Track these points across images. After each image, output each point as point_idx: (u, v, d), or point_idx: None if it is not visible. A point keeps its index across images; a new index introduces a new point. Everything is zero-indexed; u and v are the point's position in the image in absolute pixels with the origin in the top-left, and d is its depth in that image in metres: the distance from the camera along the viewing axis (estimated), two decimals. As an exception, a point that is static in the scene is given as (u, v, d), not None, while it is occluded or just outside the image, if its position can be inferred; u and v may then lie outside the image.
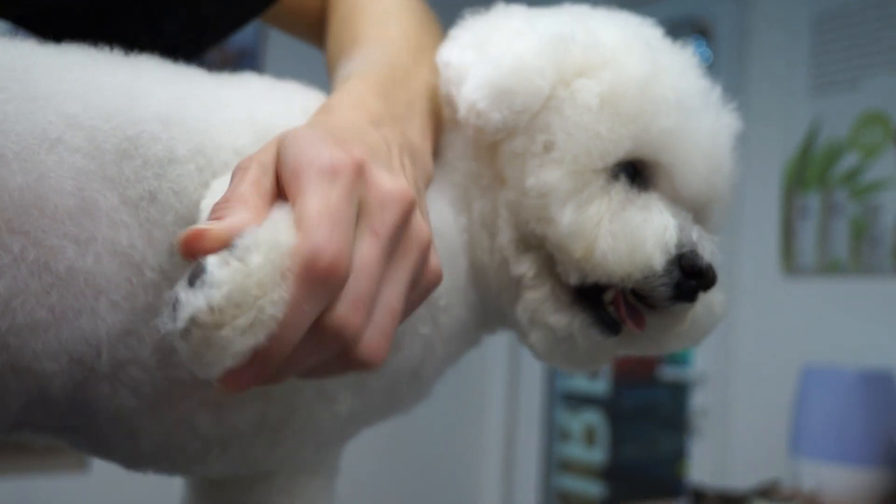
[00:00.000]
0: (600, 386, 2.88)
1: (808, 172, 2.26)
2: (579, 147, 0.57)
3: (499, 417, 3.03)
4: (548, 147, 0.58)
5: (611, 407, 2.88)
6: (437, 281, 0.49)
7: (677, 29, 2.51)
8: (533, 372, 2.94)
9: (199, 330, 0.39)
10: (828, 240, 2.22)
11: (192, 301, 0.39)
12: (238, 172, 0.44)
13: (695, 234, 0.59)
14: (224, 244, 0.40)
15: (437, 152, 0.61)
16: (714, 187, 0.63)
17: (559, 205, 0.57)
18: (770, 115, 2.33)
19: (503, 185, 0.60)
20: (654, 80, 0.59)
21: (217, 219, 0.41)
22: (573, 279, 0.58)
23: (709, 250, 0.59)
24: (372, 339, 0.43)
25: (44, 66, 0.49)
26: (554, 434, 2.99)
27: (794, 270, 2.28)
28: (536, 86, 0.57)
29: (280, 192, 0.44)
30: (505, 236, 0.59)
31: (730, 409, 2.39)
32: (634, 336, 0.61)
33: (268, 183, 0.44)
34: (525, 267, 0.59)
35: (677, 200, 0.61)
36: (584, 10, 0.65)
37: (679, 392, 2.57)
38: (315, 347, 0.42)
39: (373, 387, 0.58)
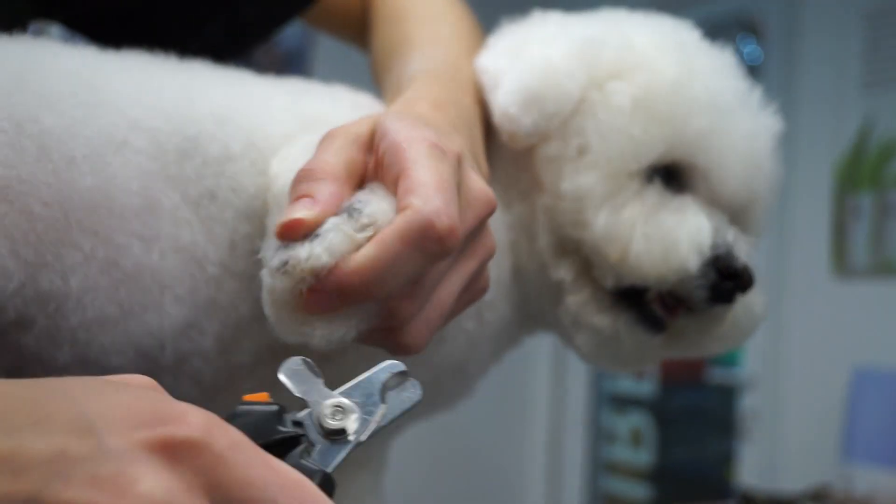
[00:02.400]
0: (647, 387, 2.86)
1: (861, 172, 2.23)
2: (613, 150, 0.57)
3: (544, 419, 3.02)
4: (582, 150, 0.58)
5: (658, 409, 2.85)
6: (484, 292, 0.50)
7: (726, 28, 2.48)
8: (578, 373, 2.93)
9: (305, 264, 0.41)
10: (881, 240, 2.18)
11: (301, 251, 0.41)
12: (326, 140, 0.46)
13: (730, 235, 0.59)
14: (315, 228, 0.42)
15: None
16: (753, 189, 0.62)
17: (594, 208, 0.57)
18: (821, 113, 2.30)
19: (540, 189, 0.60)
20: (688, 81, 0.59)
21: (303, 193, 0.42)
22: (609, 282, 0.59)
23: (745, 252, 0.59)
24: (418, 328, 0.45)
25: (107, 71, 0.52)
26: (600, 436, 2.97)
27: (845, 272, 2.24)
28: (566, 89, 0.57)
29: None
30: (543, 241, 0.60)
31: (780, 412, 2.36)
32: (678, 338, 0.61)
33: (356, 153, 0.45)
34: (564, 271, 0.60)
35: (715, 203, 0.61)
36: (620, 15, 0.65)
37: (728, 394, 2.54)
38: (384, 314, 0.44)
39: (419, 377, 0.59)
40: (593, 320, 0.60)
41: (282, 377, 0.36)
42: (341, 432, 0.36)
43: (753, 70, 2.48)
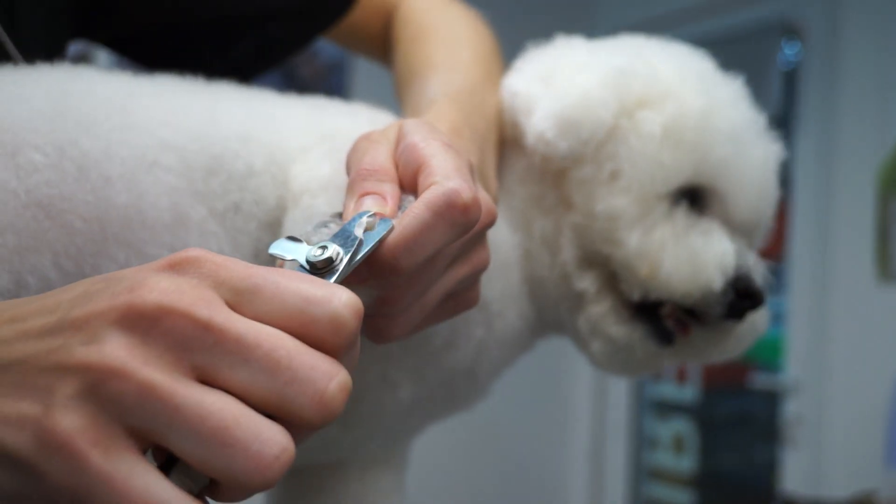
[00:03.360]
0: (689, 393, 2.85)
1: (905, 175, 2.20)
2: (644, 175, 0.61)
3: (586, 425, 3.02)
4: (615, 175, 0.62)
5: (700, 414, 2.84)
6: (472, 304, 0.52)
7: (768, 31, 2.47)
8: (620, 380, 2.93)
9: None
10: (925, 244, 2.16)
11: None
12: (366, 143, 0.48)
13: (750, 259, 0.64)
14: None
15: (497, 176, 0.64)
16: (762, 212, 0.67)
17: (627, 228, 0.61)
18: (863, 117, 2.28)
19: (569, 208, 0.63)
20: (711, 112, 0.63)
21: (372, 190, 0.45)
22: (636, 295, 0.63)
23: (761, 273, 0.64)
24: (399, 321, 0.47)
25: (139, 95, 0.55)
26: (642, 442, 2.97)
27: (889, 277, 2.22)
28: (600, 117, 0.61)
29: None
30: (568, 254, 0.63)
31: (824, 417, 2.33)
32: (684, 348, 0.65)
33: (395, 155, 0.48)
34: (588, 283, 0.64)
35: (728, 223, 0.65)
36: (641, 42, 0.68)
37: (771, 400, 2.52)
38: (376, 302, 0.45)
39: (430, 378, 0.62)
40: (611, 331, 0.64)
41: (271, 250, 0.41)
42: (329, 262, 0.40)
43: (795, 74, 2.46)
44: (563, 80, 0.62)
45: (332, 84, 2.40)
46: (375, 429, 0.64)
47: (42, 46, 0.61)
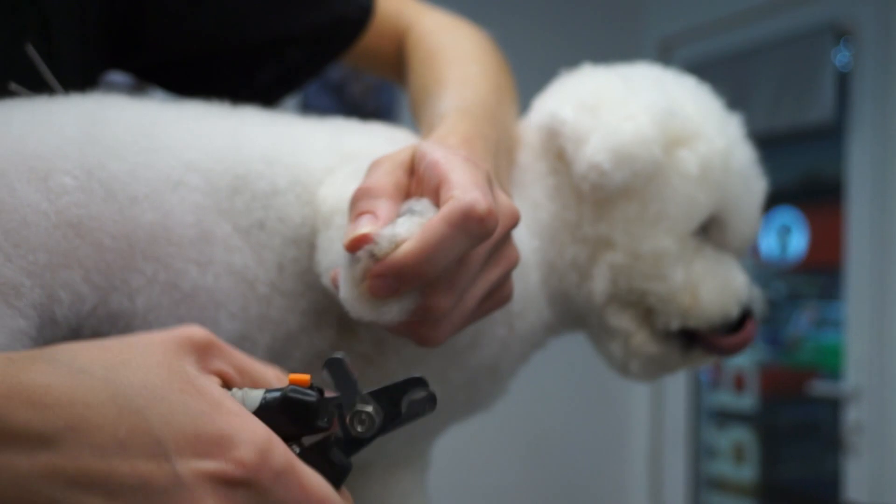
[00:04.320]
0: (748, 402, 2.82)
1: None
2: (685, 214, 0.67)
3: (644, 435, 3.00)
4: (660, 216, 0.67)
5: (760, 423, 2.81)
6: (507, 300, 0.55)
7: (818, 33, 2.45)
8: (678, 389, 2.91)
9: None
10: None
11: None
12: (374, 165, 0.52)
13: (753, 288, 0.71)
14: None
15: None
16: (752, 238, 0.74)
17: (672, 266, 0.67)
18: (918, 119, 2.24)
19: (610, 248, 0.68)
20: (730, 151, 0.69)
21: (365, 209, 0.49)
22: (675, 325, 0.69)
23: (757, 297, 0.72)
24: (444, 325, 0.50)
25: (165, 120, 0.59)
26: (701, 451, 2.94)
27: (949, 279, 2.18)
28: (653, 153, 0.65)
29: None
30: (600, 287, 0.68)
31: (886, 425, 2.29)
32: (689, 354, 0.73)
33: (401, 175, 0.52)
34: (626, 322, 0.70)
35: (723, 247, 0.71)
36: (658, 74, 0.73)
37: (833, 408, 2.49)
38: (419, 310, 0.49)
39: (454, 380, 0.65)
40: (650, 351, 0.70)
41: (324, 374, 0.44)
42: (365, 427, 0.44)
43: (847, 77, 2.43)
44: (613, 114, 0.65)
45: (381, 101, 2.45)
46: (398, 430, 0.67)
47: (78, 76, 0.66)
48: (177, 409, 0.38)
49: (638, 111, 0.65)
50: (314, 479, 0.40)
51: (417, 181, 0.52)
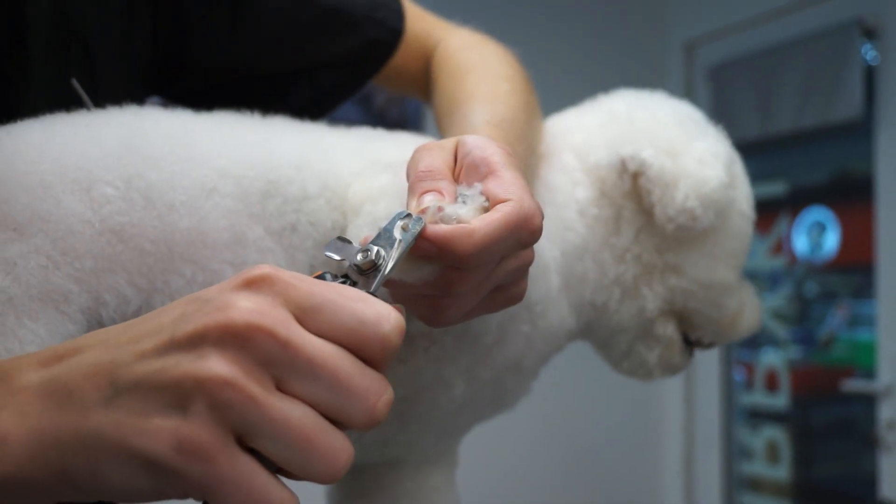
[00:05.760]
0: (781, 401, 2.81)
1: None
2: (742, 248, 0.76)
3: (678, 436, 3.00)
4: (730, 253, 0.74)
5: (794, 422, 2.80)
6: (518, 299, 0.58)
7: (843, 29, 2.44)
8: (710, 389, 2.90)
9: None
10: None
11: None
12: (422, 151, 0.55)
13: None
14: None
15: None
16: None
17: (730, 296, 0.76)
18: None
19: (676, 274, 0.73)
20: (748, 189, 0.78)
21: (431, 188, 0.52)
22: (707, 339, 0.78)
23: None
24: (455, 305, 0.53)
25: (199, 130, 0.62)
26: (735, 451, 2.93)
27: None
28: (729, 197, 0.72)
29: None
30: (652, 304, 0.75)
31: (921, 422, 2.28)
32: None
33: (451, 161, 0.55)
34: (670, 330, 0.76)
35: None
36: (689, 113, 0.78)
37: (867, 405, 2.47)
38: (439, 282, 0.51)
39: (482, 376, 0.68)
40: (677, 362, 0.78)
41: (325, 252, 0.47)
42: (373, 265, 0.46)
43: (873, 74, 2.42)
44: (690, 159, 0.71)
45: (407, 111, 2.48)
46: (429, 427, 0.69)
47: (121, 104, 0.69)
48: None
49: (709, 156, 0.71)
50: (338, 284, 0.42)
51: (459, 168, 0.55)
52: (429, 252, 0.49)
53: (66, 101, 0.63)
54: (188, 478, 0.36)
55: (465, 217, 0.50)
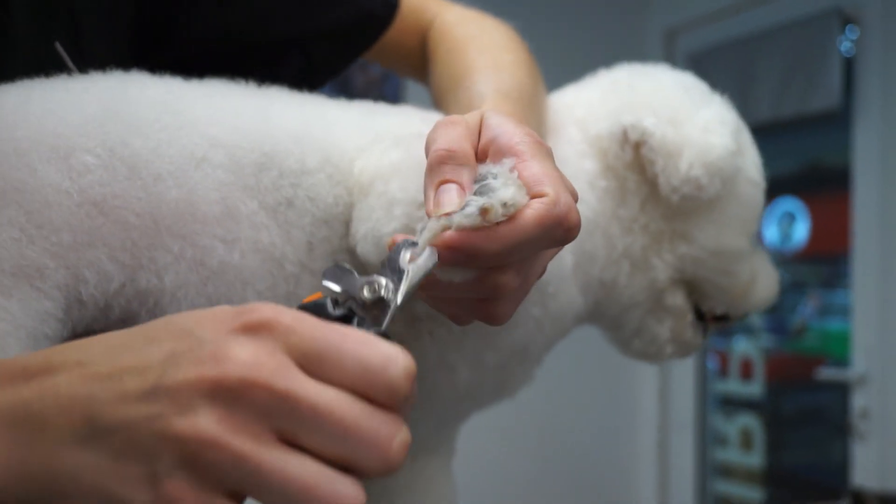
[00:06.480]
0: (755, 389, 2.82)
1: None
2: (753, 215, 0.73)
3: (652, 423, 3.01)
4: (740, 220, 0.71)
5: (767, 410, 2.81)
6: (541, 276, 0.55)
7: (823, 18, 2.45)
8: (684, 377, 2.91)
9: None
10: None
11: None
12: (447, 126, 0.51)
13: None
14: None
15: None
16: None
17: (742, 263, 0.73)
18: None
19: (685, 241, 0.71)
20: (756, 156, 0.76)
21: (450, 178, 0.48)
22: (720, 310, 0.75)
23: None
24: (510, 302, 0.51)
25: (189, 97, 0.59)
26: (709, 439, 2.95)
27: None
28: (738, 165, 0.70)
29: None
30: (663, 274, 0.72)
31: (894, 411, 2.30)
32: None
33: (475, 140, 0.51)
34: (680, 300, 0.74)
35: None
36: (690, 81, 0.76)
37: (839, 394, 2.49)
38: (479, 285, 0.49)
39: (488, 363, 0.66)
40: (688, 337, 0.76)
41: (324, 282, 0.43)
42: (380, 301, 0.43)
43: (853, 63, 2.43)
44: (694, 128, 0.68)
45: (385, 92, 2.45)
46: (428, 412, 0.67)
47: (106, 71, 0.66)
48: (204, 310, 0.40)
49: (714, 124, 0.69)
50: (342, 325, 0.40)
51: (482, 148, 0.51)
52: (452, 260, 0.47)
53: (50, 67, 0.60)
54: None
55: (513, 200, 0.46)
